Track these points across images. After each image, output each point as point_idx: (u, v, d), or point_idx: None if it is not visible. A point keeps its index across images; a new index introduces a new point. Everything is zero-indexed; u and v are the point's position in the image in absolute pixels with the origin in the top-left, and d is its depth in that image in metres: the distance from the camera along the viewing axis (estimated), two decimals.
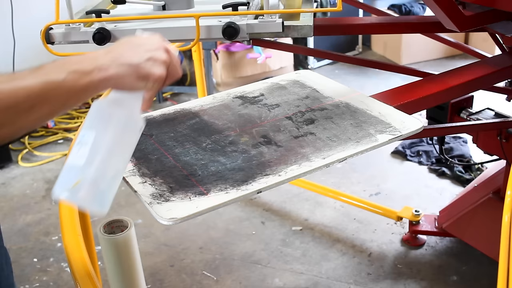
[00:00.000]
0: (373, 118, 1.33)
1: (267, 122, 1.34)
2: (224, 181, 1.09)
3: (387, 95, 1.49)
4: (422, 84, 1.62)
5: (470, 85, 1.67)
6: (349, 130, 1.27)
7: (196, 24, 1.31)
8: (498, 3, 1.61)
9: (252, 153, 1.19)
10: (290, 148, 1.21)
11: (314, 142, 1.23)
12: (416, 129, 1.27)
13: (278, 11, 1.38)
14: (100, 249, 1.34)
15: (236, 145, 1.23)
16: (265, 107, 1.43)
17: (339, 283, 2.36)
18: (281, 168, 1.13)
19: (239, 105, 1.45)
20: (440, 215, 2.55)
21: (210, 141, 1.26)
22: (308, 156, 1.17)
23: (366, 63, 2.26)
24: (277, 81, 1.60)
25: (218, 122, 1.35)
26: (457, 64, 1.82)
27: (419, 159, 3.30)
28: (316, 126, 1.30)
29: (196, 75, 2.61)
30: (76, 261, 1.34)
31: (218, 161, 1.17)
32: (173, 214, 0.99)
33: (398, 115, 1.34)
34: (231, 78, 4.36)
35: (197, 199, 1.03)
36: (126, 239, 1.46)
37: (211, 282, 2.41)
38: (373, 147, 1.21)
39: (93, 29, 1.34)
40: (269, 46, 2.05)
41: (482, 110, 2.13)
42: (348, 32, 2.32)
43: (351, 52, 5.00)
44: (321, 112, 1.38)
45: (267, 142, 1.24)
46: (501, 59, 1.88)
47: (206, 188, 1.07)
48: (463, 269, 2.41)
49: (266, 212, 2.88)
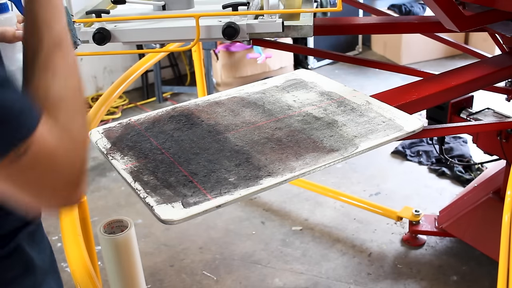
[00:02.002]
0: (372, 118, 1.33)
1: (267, 122, 1.34)
2: (225, 182, 1.09)
3: (387, 95, 1.49)
4: (422, 84, 1.62)
5: (470, 85, 1.67)
6: (349, 130, 1.27)
7: (196, 24, 1.31)
8: (498, 3, 1.61)
9: (253, 154, 1.19)
10: (290, 148, 1.21)
11: (314, 141, 1.23)
12: (416, 129, 1.27)
13: (278, 11, 1.38)
14: (100, 249, 1.34)
15: (236, 145, 1.23)
16: (264, 107, 1.43)
17: (339, 283, 2.36)
18: (283, 168, 1.13)
19: (238, 105, 1.45)
20: (440, 215, 2.55)
21: (210, 141, 1.26)
22: (308, 156, 1.17)
23: (366, 63, 2.26)
24: (274, 82, 1.60)
25: (218, 122, 1.35)
26: (457, 64, 1.82)
27: (419, 159, 3.30)
28: (315, 126, 1.30)
29: (196, 75, 2.61)
30: (76, 261, 1.35)
31: (219, 162, 1.17)
32: (174, 215, 0.99)
33: (398, 114, 1.34)
34: (231, 78, 4.36)
35: (197, 199, 1.03)
36: (126, 239, 1.47)
37: (211, 282, 2.41)
38: (373, 147, 1.21)
39: (93, 29, 1.35)
40: (269, 46, 2.04)
41: (482, 110, 2.13)
42: (348, 32, 2.32)
43: (351, 52, 4.99)
44: (319, 112, 1.38)
45: (267, 141, 1.24)
46: (501, 59, 1.88)
47: (205, 187, 1.07)
48: (463, 269, 2.41)
49: (266, 212, 2.88)
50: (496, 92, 2.17)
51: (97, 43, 1.35)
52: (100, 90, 4.41)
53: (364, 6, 2.96)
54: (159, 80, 4.27)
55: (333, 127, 1.29)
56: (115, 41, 1.38)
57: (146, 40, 1.41)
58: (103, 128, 1.33)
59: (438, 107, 2.14)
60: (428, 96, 1.55)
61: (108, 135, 1.31)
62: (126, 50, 4.02)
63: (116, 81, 2.16)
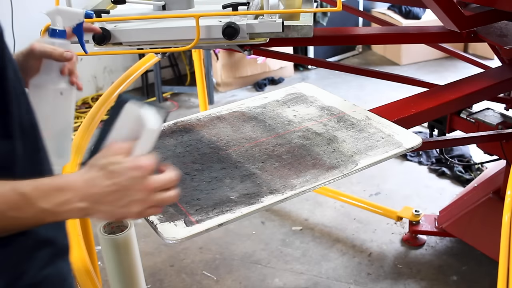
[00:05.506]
0: (372, 133, 1.33)
1: (268, 139, 1.34)
2: (227, 200, 1.09)
3: (386, 109, 1.49)
4: (421, 98, 1.62)
5: (469, 98, 1.68)
6: (348, 147, 1.28)
7: (196, 24, 1.31)
8: (498, 3, 1.61)
9: (254, 171, 1.19)
10: (290, 165, 1.21)
11: (314, 158, 1.23)
12: (415, 145, 1.28)
13: (278, 11, 1.38)
14: (100, 249, 1.33)
15: (238, 161, 1.23)
16: (265, 122, 1.43)
17: (339, 283, 2.36)
18: (284, 185, 1.14)
19: (239, 120, 1.45)
20: (440, 215, 2.55)
21: (212, 158, 1.25)
22: (308, 173, 1.18)
23: (365, 73, 2.21)
24: (275, 96, 1.60)
25: (219, 138, 1.35)
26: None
27: (419, 159, 3.30)
28: (316, 142, 1.31)
29: (196, 75, 2.61)
30: (76, 261, 1.34)
31: (221, 179, 1.17)
32: (177, 234, 1.00)
33: (398, 130, 1.34)
34: (231, 78, 4.36)
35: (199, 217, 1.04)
36: (126, 239, 1.47)
37: (211, 282, 2.41)
38: (372, 164, 1.23)
39: None
40: (269, 56, 2.01)
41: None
42: (348, 42, 2.30)
43: (351, 52, 4.99)
44: (319, 127, 1.38)
45: (268, 158, 1.24)
46: (500, 71, 1.88)
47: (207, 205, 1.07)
48: (463, 269, 2.41)
49: (266, 212, 2.88)
50: (495, 102, 2.16)
51: (97, 43, 1.36)
52: (100, 90, 4.41)
53: (364, 14, 2.95)
54: (159, 80, 4.27)
55: (333, 143, 1.30)
56: (115, 41, 1.38)
57: (146, 40, 1.41)
58: None
59: None
60: (427, 110, 1.55)
61: None
62: (126, 50, 4.01)
63: (116, 81, 2.16)
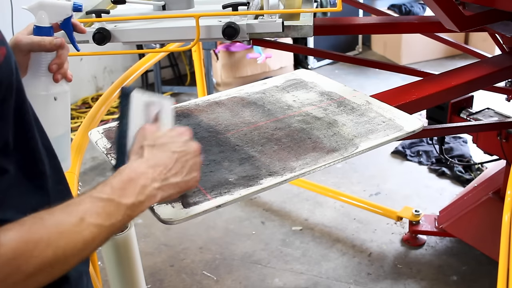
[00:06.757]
0: (372, 118, 1.33)
1: (267, 122, 1.34)
2: (225, 182, 1.09)
3: (387, 95, 1.49)
4: (422, 84, 1.62)
5: (470, 85, 1.67)
6: (349, 130, 1.27)
7: (196, 24, 1.31)
8: (498, 3, 1.61)
9: (253, 154, 1.19)
10: (290, 148, 1.21)
11: (314, 141, 1.23)
12: (416, 129, 1.27)
13: (278, 11, 1.38)
14: (100, 249, 1.33)
15: (236, 145, 1.23)
16: (264, 107, 1.42)
17: (339, 283, 2.36)
18: (283, 168, 1.13)
19: (237, 105, 1.44)
20: (440, 215, 2.55)
21: (210, 141, 1.26)
22: (308, 156, 1.17)
23: (366, 63, 2.26)
24: (274, 82, 1.60)
25: (218, 122, 1.35)
26: (457, 64, 1.82)
27: (419, 159, 3.30)
28: (315, 126, 1.30)
29: (196, 75, 2.61)
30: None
31: (219, 162, 1.17)
32: (174, 215, 0.99)
33: (398, 114, 1.33)
34: (231, 78, 4.36)
35: (197, 199, 1.03)
36: (126, 239, 1.47)
37: (211, 282, 2.41)
38: (372, 147, 1.21)
39: (93, 29, 1.34)
40: (269, 46, 2.04)
41: (482, 110, 2.13)
42: (347, 32, 2.32)
43: (351, 52, 4.99)
44: (319, 112, 1.37)
45: (267, 142, 1.24)
46: (501, 59, 1.88)
47: (205, 187, 1.07)
48: (463, 269, 2.41)
49: (266, 212, 2.88)
50: (496, 92, 2.17)
51: (97, 43, 1.35)
52: (100, 90, 4.41)
53: (364, 6, 2.96)
54: (159, 80, 4.27)
55: (333, 127, 1.29)
56: (115, 41, 1.38)
57: (146, 40, 1.41)
58: (103, 128, 1.33)
59: (438, 107, 2.15)
60: (428, 96, 1.55)
61: (108, 135, 1.31)
62: (126, 50, 4.02)
63: (116, 81, 2.16)
